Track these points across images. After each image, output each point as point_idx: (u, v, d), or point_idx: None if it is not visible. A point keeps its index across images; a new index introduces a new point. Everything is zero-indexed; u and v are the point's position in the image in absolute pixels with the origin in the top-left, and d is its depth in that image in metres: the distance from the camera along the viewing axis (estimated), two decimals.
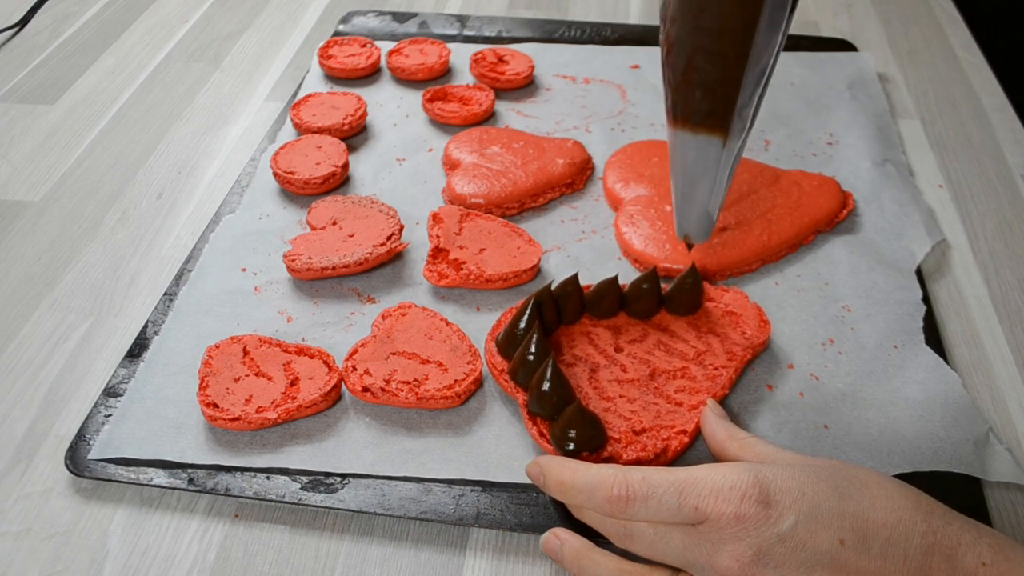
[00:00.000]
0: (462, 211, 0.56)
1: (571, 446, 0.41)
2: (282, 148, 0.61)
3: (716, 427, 0.41)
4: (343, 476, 0.42)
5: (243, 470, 0.42)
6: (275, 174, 0.60)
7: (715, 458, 0.41)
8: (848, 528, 0.33)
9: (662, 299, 0.49)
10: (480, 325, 0.50)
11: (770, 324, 0.49)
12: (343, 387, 0.46)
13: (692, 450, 0.43)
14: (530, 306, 0.46)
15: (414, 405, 0.45)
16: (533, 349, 0.44)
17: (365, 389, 0.45)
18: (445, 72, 0.73)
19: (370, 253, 0.52)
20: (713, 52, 0.41)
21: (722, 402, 0.45)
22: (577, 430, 0.41)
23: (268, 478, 0.42)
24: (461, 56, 0.75)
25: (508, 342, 0.46)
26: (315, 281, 0.53)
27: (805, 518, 0.33)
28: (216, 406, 0.44)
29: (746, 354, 0.47)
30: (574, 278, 0.48)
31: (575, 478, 0.37)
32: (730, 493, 0.34)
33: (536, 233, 0.57)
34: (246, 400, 0.44)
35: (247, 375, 0.46)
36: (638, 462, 0.42)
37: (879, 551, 0.33)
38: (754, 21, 0.39)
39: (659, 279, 0.49)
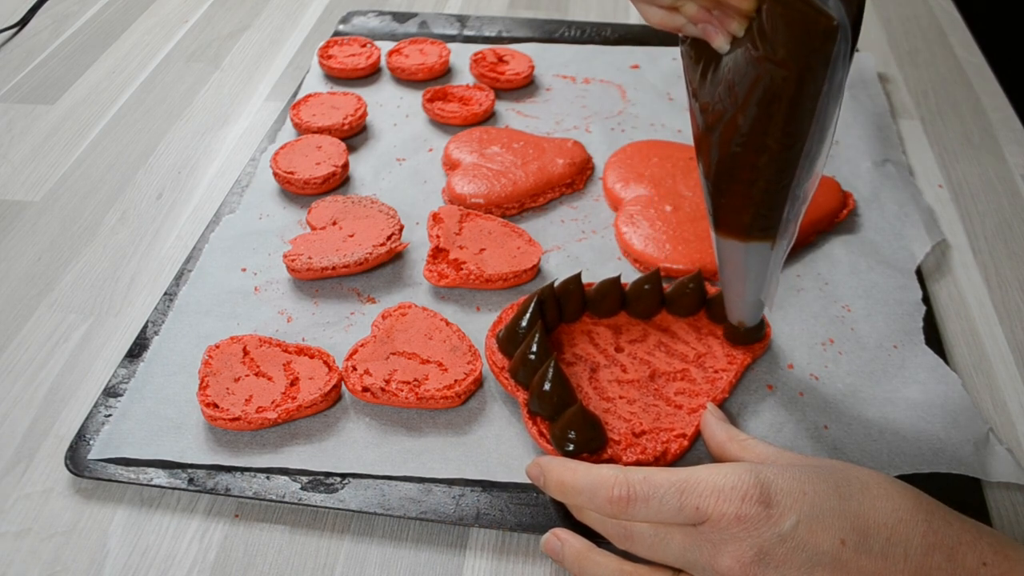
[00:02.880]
0: (462, 211, 0.56)
1: (571, 447, 0.41)
2: (282, 148, 0.61)
3: (716, 429, 0.41)
4: (343, 476, 0.42)
5: (243, 470, 0.42)
6: (275, 174, 0.60)
7: (715, 460, 0.41)
8: (849, 528, 0.33)
9: (664, 300, 0.49)
10: (480, 325, 0.50)
11: (771, 327, 0.49)
12: (343, 387, 0.46)
13: (691, 453, 0.43)
14: (532, 304, 0.46)
15: (414, 405, 0.45)
16: (535, 348, 0.44)
17: (365, 389, 0.45)
18: (445, 72, 0.73)
19: (370, 253, 0.52)
20: (757, 176, 0.39)
21: (722, 405, 0.45)
22: (577, 431, 0.41)
23: (268, 478, 0.42)
24: (461, 56, 0.75)
25: (509, 340, 0.46)
26: (315, 281, 0.53)
27: (806, 518, 0.33)
28: (216, 406, 0.44)
29: (746, 357, 0.47)
30: (576, 277, 0.48)
31: (576, 479, 0.37)
32: (731, 493, 0.34)
33: (536, 233, 0.57)
34: (246, 400, 0.44)
35: (247, 375, 0.46)
36: (637, 465, 0.42)
37: (880, 551, 0.33)
38: (802, 140, 0.37)
39: (661, 279, 0.49)
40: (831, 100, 0.37)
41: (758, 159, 0.38)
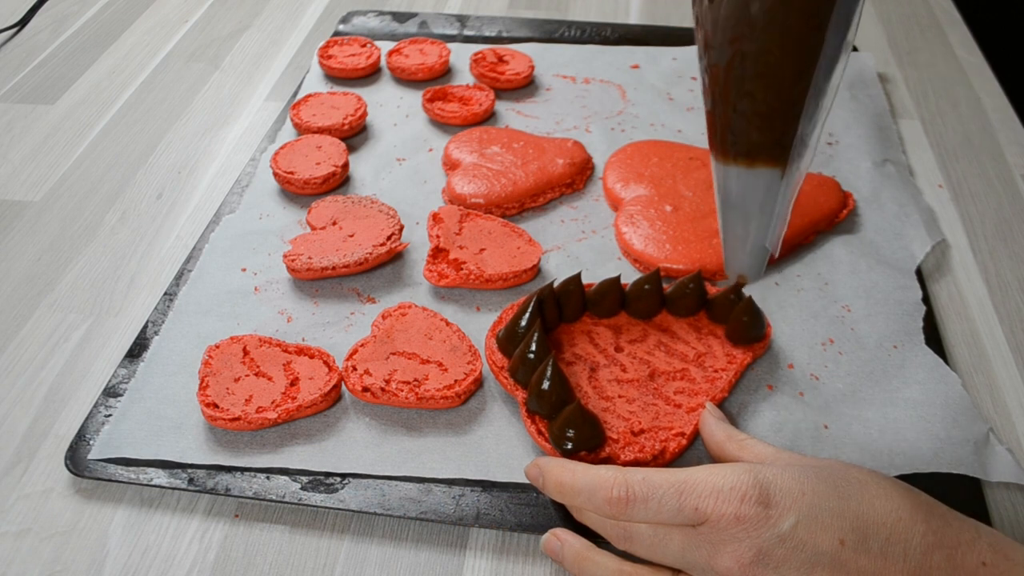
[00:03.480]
0: (462, 211, 0.56)
1: (569, 446, 0.41)
2: (282, 148, 0.61)
3: (715, 429, 0.41)
4: (343, 476, 0.42)
5: (243, 470, 0.42)
6: (275, 174, 0.60)
7: (714, 460, 0.41)
8: (848, 528, 0.33)
9: (664, 300, 0.49)
10: (480, 325, 0.50)
11: (771, 327, 0.49)
12: (343, 387, 0.46)
13: (690, 452, 0.43)
14: (532, 304, 0.46)
15: (414, 405, 0.45)
16: (534, 347, 0.44)
17: (365, 389, 0.45)
18: (445, 72, 0.73)
19: (370, 253, 0.52)
20: (774, 74, 0.36)
21: (721, 404, 0.45)
22: (576, 430, 0.41)
23: (268, 478, 0.42)
24: (461, 56, 0.75)
25: (509, 339, 0.46)
26: (315, 281, 0.53)
27: (805, 518, 0.33)
28: (216, 406, 0.44)
29: (746, 357, 0.47)
30: (576, 277, 0.48)
31: (575, 479, 0.37)
32: (730, 494, 0.34)
33: (536, 233, 0.57)
34: (246, 400, 0.44)
35: (247, 375, 0.46)
36: (636, 463, 0.42)
37: (879, 551, 0.33)
38: (822, 36, 0.35)
39: (661, 279, 0.49)
40: (843, 16, 0.34)
41: (773, 55, 0.35)
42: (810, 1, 0.34)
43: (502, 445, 0.44)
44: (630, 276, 0.52)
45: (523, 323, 0.46)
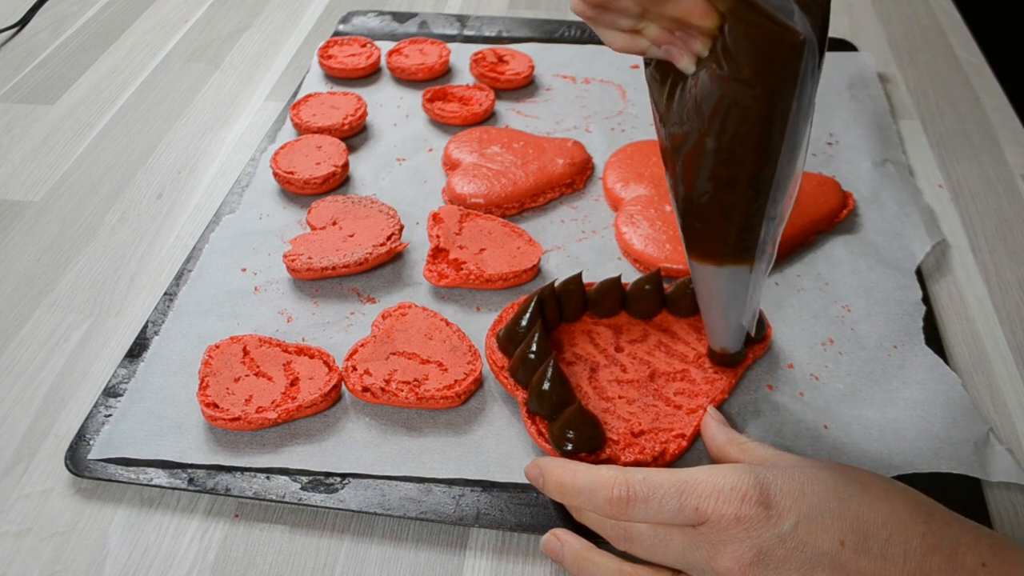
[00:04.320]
0: (462, 211, 0.56)
1: (569, 446, 0.41)
2: (282, 148, 0.61)
3: (716, 431, 0.41)
4: (343, 476, 0.42)
5: (243, 470, 0.42)
6: (275, 174, 0.60)
7: (715, 462, 0.41)
8: (848, 529, 0.33)
9: (664, 300, 0.49)
10: (480, 325, 0.50)
11: (771, 329, 0.49)
12: (343, 387, 0.46)
13: (690, 454, 0.43)
14: (532, 304, 0.46)
15: (414, 405, 0.45)
16: (534, 348, 0.44)
17: (365, 389, 0.45)
18: (445, 72, 0.73)
19: (370, 253, 0.52)
20: (728, 206, 0.38)
21: (721, 405, 0.45)
22: (576, 431, 0.41)
23: (268, 478, 0.42)
24: (461, 56, 0.75)
25: (509, 339, 0.46)
26: (315, 281, 0.53)
27: (805, 519, 0.33)
28: (216, 406, 0.44)
29: (746, 358, 0.47)
30: (577, 276, 0.48)
31: (575, 479, 0.37)
32: (731, 494, 0.34)
33: (536, 233, 0.57)
34: (246, 400, 0.44)
35: (247, 375, 0.46)
36: (636, 464, 0.42)
37: (879, 552, 0.33)
38: (774, 160, 0.36)
39: (662, 280, 0.49)
40: (801, 117, 0.35)
41: (729, 181, 0.37)
42: (757, 145, 0.35)
43: (502, 445, 0.44)
44: (630, 276, 0.52)
45: (524, 323, 0.46)
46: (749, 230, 0.38)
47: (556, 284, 0.48)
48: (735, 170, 0.36)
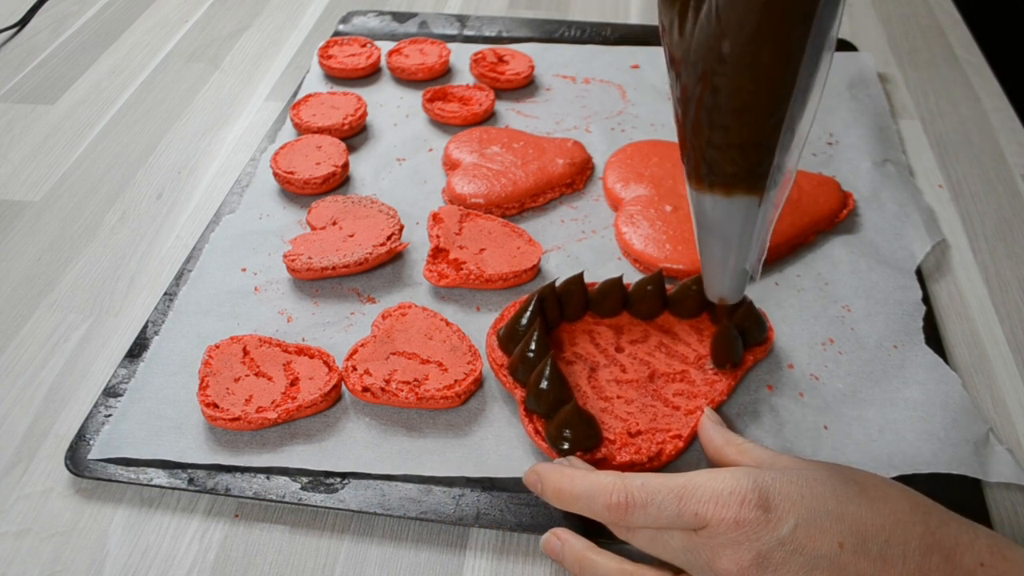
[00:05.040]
0: (462, 211, 0.56)
1: (566, 445, 0.41)
2: (282, 148, 0.61)
3: (713, 433, 0.41)
4: (343, 476, 0.42)
5: (243, 470, 0.42)
6: (275, 174, 0.60)
7: (713, 464, 0.41)
8: (847, 531, 0.33)
9: (666, 301, 0.49)
10: (480, 325, 0.50)
11: (773, 331, 0.49)
12: (343, 387, 0.46)
13: (687, 455, 0.43)
14: (533, 303, 0.46)
15: (414, 405, 0.45)
16: (533, 346, 0.44)
17: (365, 389, 0.45)
18: (445, 72, 0.73)
19: (370, 253, 0.52)
20: (747, 109, 0.35)
21: (721, 406, 0.45)
22: (572, 430, 0.41)
23: (268, 478, 0.42)
24: (461, 56, 0.75)
25: (509, 337, 0.46)
26: (315, 281, 0.53)
27: (804, 522, 0.33)
28: (216, 406, 0.44)
29: (746, 360, 0.47)
30: (579, 276, 0.48)
31: (573, 486, 0.37)
32: (730, 498, 0.34)
33: (536, 233, 0.57)
34: (246, 400, 0.44)
35: (247, 375, 0.46)
36: (632, 464, 0.42)
37: (878, 553, 0.33)
38: (795, 70, 0.34)
39: (664, 280, 0.49)
40: (824, 23, 0.33)
41: (746, 90, 0.34)
42: (782, 38, 0.33)
43: (502, 445, 0.44)
44: (630, 276, 0.52)
45: (524, 321, 0.46)
46: (764, 150, 0.36)
47: (557, 283, 0.48)
48: (754, 73, 0.34)
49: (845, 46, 0.77)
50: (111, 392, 0.46)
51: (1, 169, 0.64)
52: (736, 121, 0.36)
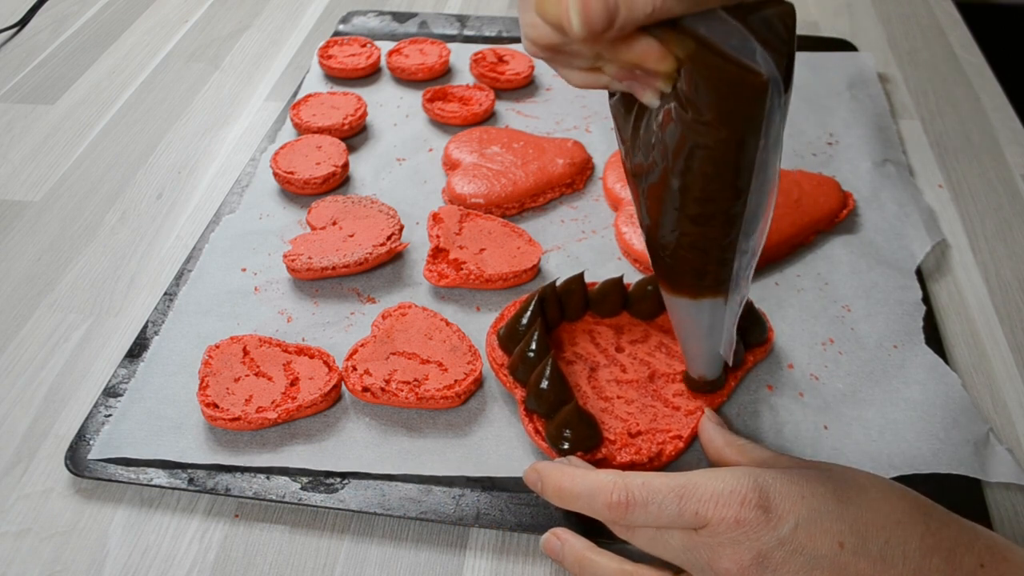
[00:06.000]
0: (462, 211, 0.56)
1: (566, 445, 0.41)
2: (282, 148, 0.61)
3: (714, 434, 0.41)
4: (343, 476, 0.42)
5: (243, 470, 0.42)
6: (275, 174, 0.60)
7: (713, 465, 0.41)
8: (847, 531, 0.33)
9: None
10: (480, 325, 0.50)
11: (773, 332, 0.49)
12: (343, 387, 0.46)
13: (687, 455, 0.43)
14: (533, 303, 0.46)
15: (414, 405, 0.45)
16: (534, 346, 0.44)
17: (365, 389, 0.45)
18: (445, 72, 0.73)
19: (370, 253, 0.52)
20: (697, 241, 0.36)
21: (721, 406, 0.45)
22: (573, 430, 0.41)
23: (268, 478, 0.42)
24: (461, 56, 0.75)
25: (510, 337, 0.46)
26: (315, 281, 0.53)
27: (804, 521, 0.33)
28: (216, 406, 0.44)
29: (746, 361, 0.47)
30: (579, 276, 0.48)
31: (574, 484, 0.37)
32: (730, 498, 0.34)
33: (536, 233, 0.57)
34: (246, 400, 0.44)
35: (247, 375, 0.46)
36: (632, 464, 0.42)
37: (878, 554, 0.33)
38: (743, 197, 0.34)
39: None
40: (770, 153, 0.33)
41: (698, 218, 0.35)
42: (723, 185, 0.34)
43: (502, 445, 0.44)
44: (630, 276, 0.52)
45: (524, 321, 0.46)
46: (722, 264, 0.37)
47: (558, 283, 0.48)
48: (704, 207, 0.35)
49: (845, 46, 0.77)
50: (111, 392, 0.46)
51: (1, 169, 0.64)
52: (688, 250, 0.37)
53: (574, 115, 0.69)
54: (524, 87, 0.72)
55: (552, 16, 0.30)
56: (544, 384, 0.42)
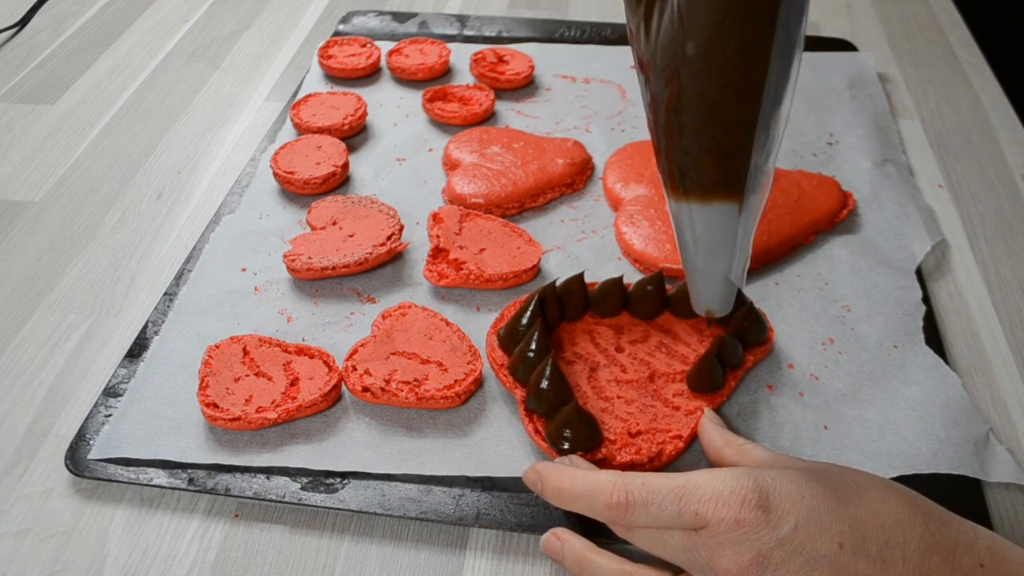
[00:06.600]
0: (462, 211, 0.56)
1: (566, 445, 0.41)
2: (282, 148, 0.61)
3: (713, 434, 0.41)
4: (343, 476, 0.42)
5: (243, 470, 0.42)
6: (275, 174, 0.60)
7: (713, 465, 0.41)
8: (847, 531, 0.33)
9: (666, 301, 0.49)
10: (480, 325, 0.50)
11: (773, 332, 0.49)
12: (343, 387, 0.46)
13: (687, 455, 0.43)
14: (533, 303, 0.46)
15: (414, 405, 0.45)
16: (534, 346, 0.44)
17: (365, 389, 0.45)
18: (445, 72, 0.73)
19: (370, 253, 0.52)
20: (717, 111, 0.34)
21: (721, 406, 0.45)
22: (573, 430, 0.41)
23: (268, 478, 0.42)
24: (461, 56, 0.75)
25: (509, 337, 0.46)
26: (315, 281, 0.53)
27: (804, 522, 0.33)
28: (216, 406, 0.44)
29: (746, 361, 0.47)
30: (579, 276, 0.48)
31: (574, 485, 0.37)
32: (730, 498, 0.34)
33: (536, 233, 0.57)
34: (246, 400, 0.44)
35: (247, 375, 0.46)
36: (632, 464, 0.42)
37: (878, 554, 0.33)
38: (764, 67, 0.33)
39: (664, 280, 0.49)
40: (792, 17, 0.32)
41: (715, 93, 0.33)
42: (745, 37, 0.32)
43: (502, 445, 0.44)
44: (630, 276, 0.52)
45: (524, 321, 0.46)
46: (739, 153, 0.35)
47: (558, 283, 0.48)
48: (725, 76, 0.33)
49: (845, 46, 0.77)
50: (111, 392, 0.46)
51: (1, 169, 0.64)
52: (707, 124, 0.35)
53: (574, 115, 0.69)
54: (524, 87, 0.72)
55: None
56: (544, 384, 0.42)
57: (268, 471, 0.42)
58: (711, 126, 0.35)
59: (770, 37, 0.32)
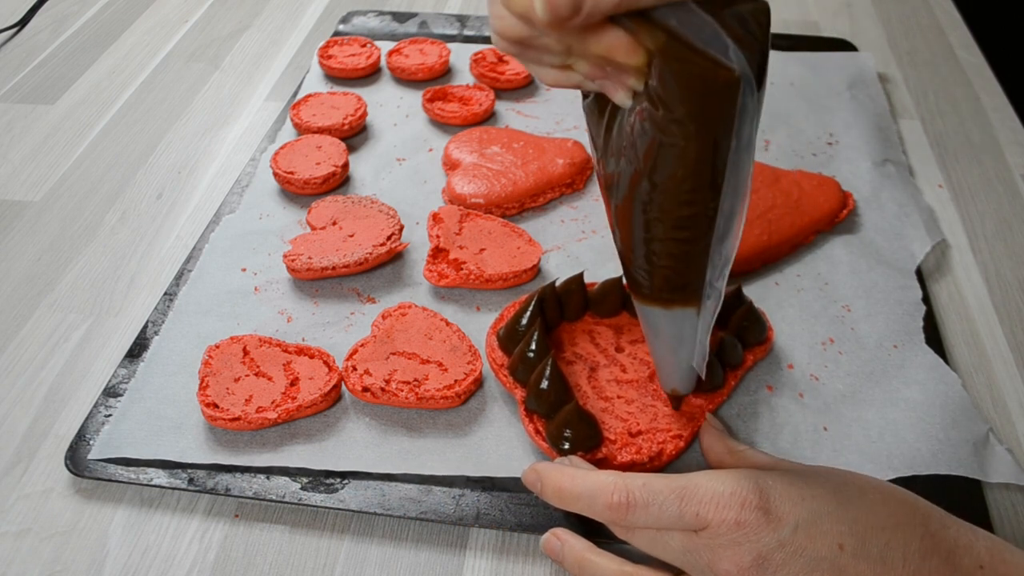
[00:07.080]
0: (462, 211, 0.56)
1: (566, 445, 0.41)
2: (282, 148, 0.61)
3: (714, 440, 0.41)
4: (343, 476, 0.42)
5: (243, 470, 0.42)
6: (275, 174, 0.60)
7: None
8: (847, 533, 0.33)
9: None
10: (480, 325, 0.50)
11: (773, 331, 0.49)
12: (343, 387, 0.46)
13: (687, 455, 0.43)
14: (533, 303, 0.46)
15: (414, 405, 0.45)
16: (533, 346, 0.44)
17: (365, 389, 0.45)
18: (445, 72, 0.73)
19: (370, 253, 0.52)
20: (672, 238, 0.35)
21: (721, 406, 0.45)
22: (573, 430, 0.41)
23: (268, 478, 0.42)
24: (461, 56, 0.75)
25: (509, 337, 0.46)
26: (315, 281, 0.53)
27: (804, 524, 0.33)
28: (216, 406, 0.44)
29: (746, 361, 0.47)
30: (579, 276, 0.48)
31: (574, 485, 0.37)
32: (731, 500, 0.34)
33: (536, 233, 0.57)
34: (246, 400, 0.44)
35: (247, 375, 0.46)
36: (632, 464, 0.42)
37: (878, 556, 0.33)
38: (714, 200, 0.33)
39: None
40: (742, 154, 0.32)
41: (669, 222, 0.34)
42: (695, 186, 0.33)
43: (502, 445, 0.44)
44: None
45: (524, 321, 0.46)
46: (695, 272, 0.36)
47: (557, 283, 0.48)
48: (676, 210, 0.34)
49: (845, 46, 0.77)
50: (111, 392, 0.46)
51: (1, 169, 0.64)
52: (663, 255, 0.36)
53: (574, 115, 0.69)
54: (524, 87, 0.72)
55: (518, 5, 0.30)
56: (544, 384, 0.42)
57: (268, 471, 0.42)
58: (662, 258, 0.36)
59: (718, 184, 0.33)
